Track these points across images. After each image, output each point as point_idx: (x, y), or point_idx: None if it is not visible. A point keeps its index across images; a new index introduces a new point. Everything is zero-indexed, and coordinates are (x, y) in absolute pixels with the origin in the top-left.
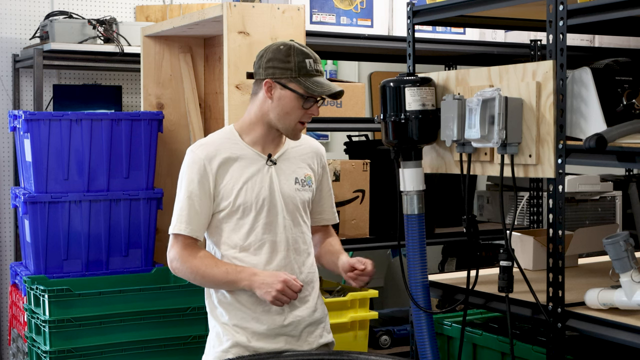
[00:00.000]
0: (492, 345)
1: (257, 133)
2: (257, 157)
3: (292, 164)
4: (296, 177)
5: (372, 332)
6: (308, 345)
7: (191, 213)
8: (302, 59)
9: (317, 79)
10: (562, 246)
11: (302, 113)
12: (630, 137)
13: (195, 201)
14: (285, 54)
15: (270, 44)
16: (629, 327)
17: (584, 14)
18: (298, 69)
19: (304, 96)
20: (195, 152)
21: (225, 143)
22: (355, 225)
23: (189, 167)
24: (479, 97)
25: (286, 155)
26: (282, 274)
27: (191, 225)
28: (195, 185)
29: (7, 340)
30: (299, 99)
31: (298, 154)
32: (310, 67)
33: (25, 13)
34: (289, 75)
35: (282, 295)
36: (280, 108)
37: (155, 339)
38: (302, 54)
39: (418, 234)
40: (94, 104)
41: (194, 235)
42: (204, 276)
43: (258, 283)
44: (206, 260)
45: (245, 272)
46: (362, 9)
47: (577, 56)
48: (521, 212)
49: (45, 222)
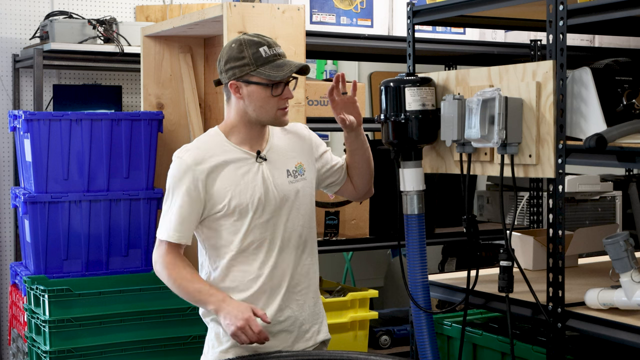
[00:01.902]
0: (492, 345)
1: (241, 133)
2: (246, 156)
3: (280, 155)
4: (287, 170)
5: (372, 332)
6: (306, 342)
7: (180, 220)
8: (255, 50)
9: (278, 62)
10: (562, 246)
11: (277, 100)
12: (630, 137)
13: (184, 208)
14: (237, 50)
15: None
16: (629, 327)
17: (584, 14)
18: (254, 61)
19: (269, 85)
20: (182, 158)
21: (213, 146)
22: (355, 225)
23: (177, 174)
24: (479, 97)
25: (274, 149)
26: (248, 311)
27: (180, 232)
28: (184, 192)
29: (7, 340)
30: (267, 89)
31: (284, 144)
32: (267, 54)
33: (25, 13)
34: (248, 71)
35: (241, 333)
36: (254, 104)
37: (155, 339)
38: (254, 45)
39: (418, 234)
40: (94, 104)
41: (181, 242)
42: (179, 288)
43: (224, 312)
44: (185, 274)
45: (216, 297)
46: (362, 9)
47: (577, 56)
48: (521, 212)
49: (45, 222)
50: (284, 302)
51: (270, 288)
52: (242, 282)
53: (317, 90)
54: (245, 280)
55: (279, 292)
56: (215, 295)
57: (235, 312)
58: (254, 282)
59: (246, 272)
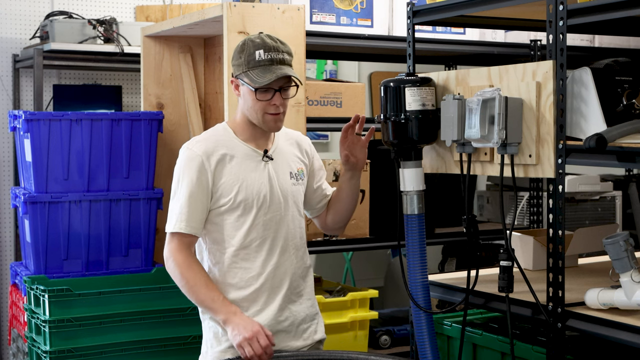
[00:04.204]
0: (492, 345)
1: (246, 131)
2: (253, 153)
3: (285, 158)
4: (290, 172)
5: (372, 332)
6: (303, 342)
7: (191, 211)
8: (252, 52)
9: (268, 67)
10: (562, 246)
11: (264, 105)
12: (630, 137)
13: (195, 199)
14: (239, 50)
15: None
16: (629, 327)
17: (584, 14)
18: (247, 62)
19: (254, 89)
20: (192, 149)
21: (222, 140)
22: (355, 225)
23: (187, 164)
24: (479, 97)
25: (279, 150)
26: (257, 325)
27: (189, 223)
28: (195, 182)
29: (7, 340)
30: (253, 92)
31: (288, 149)
32: (260, 57)
33: (25, 13)
34: (241, 70)
35: (247, 344)
36: (246, 103)
37: (155, 339)
38: (254, 46)
39: (418, 234)
40: (94, 104)
41: (193, 232)
42: (190, 290)
43: (234, 323)
44: (200, 278)
45: (228, 308)
46: (362, 9)
47: (577, 56)
48: (521, 212)
49: (45, 222)
50: (284, 303)
51: (271, 287)
52: (243, 279)
53: (317, 90)
54: (246, 277)
55: (279, 292)
56: (228, 307)
57: (245, 324)
58: (254, 280)
59: (247, 269)
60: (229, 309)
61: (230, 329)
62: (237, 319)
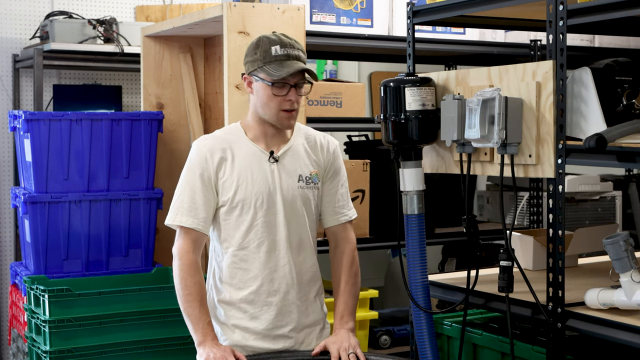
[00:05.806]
0: (492, 345)
1: (257, 130)
2: (260, 153)
3: (297, 160)
4: (300, 175)
5: (372, 332)
6: (306, 346)
7: (192, 205)
8: (268, 47)
9: (284, 62)
10: (562, 246)
11: (280, 100)
12: (630, 137)
13: (196, 193)
14: (254, 46)
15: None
16: (629, 327)
17: (584, 14)
18: (263, 57)
19: (271, 83)
20: (198, 146)
21: (230, 138)
22: (355, 225)
23: (193, 160)
24: (479, 97)
25: (291, 152)
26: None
27: (191, 217)
28: (197, 177)
29: (7, 340)
30: (269, 87)
31: (305, 150)
32: (276, 53)
33: (25, 13)
34: (256, 66)
35: None
36: (259, 100)
37: (155, 339)
38: (269, 43)
39: (418, 234)
40: (94, 104)
41: (193, 226)
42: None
43: (207, 348)
44: (197, 292)
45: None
46: (362, 9)
47: (577, 56)
48: (521, 212)
49: (45, 222)
50: (284, 307)
51: (269, 290)
52: (241, 280)
53: (317, 90)
54: (245, 278)
55: (278, 295)
56: (210, 334)
57: (216, 350)
58: (252, 282)
59: (246, 270)
60: (209, 335)
61: (201, 350)
62: (211, 346)
